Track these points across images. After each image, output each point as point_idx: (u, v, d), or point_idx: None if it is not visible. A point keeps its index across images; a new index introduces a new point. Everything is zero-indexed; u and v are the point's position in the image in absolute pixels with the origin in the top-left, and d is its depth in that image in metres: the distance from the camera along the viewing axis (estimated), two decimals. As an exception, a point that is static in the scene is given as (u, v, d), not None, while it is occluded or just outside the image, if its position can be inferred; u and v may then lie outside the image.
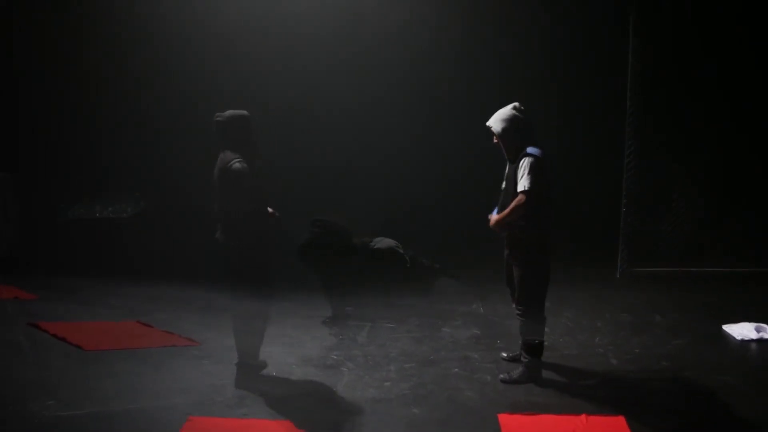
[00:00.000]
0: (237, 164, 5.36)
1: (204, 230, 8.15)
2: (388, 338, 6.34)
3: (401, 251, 6.21)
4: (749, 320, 6.75)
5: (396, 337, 6.38)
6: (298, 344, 6.27)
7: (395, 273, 6.36)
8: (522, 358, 5.60)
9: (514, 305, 5.64)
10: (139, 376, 4.81)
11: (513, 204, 5.33)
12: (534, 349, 5.54)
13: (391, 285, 7.18)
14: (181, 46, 9.08)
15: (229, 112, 5.56)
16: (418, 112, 9.29)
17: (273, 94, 8.97)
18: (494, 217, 5.47)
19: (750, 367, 6.06)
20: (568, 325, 6.78)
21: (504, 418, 4.82)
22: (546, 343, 5.71)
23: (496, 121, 5.47)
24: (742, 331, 6.59)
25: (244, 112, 5.61)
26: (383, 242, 6.31)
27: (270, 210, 5.80)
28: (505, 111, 5.47)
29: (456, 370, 5.72)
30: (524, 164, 5.31)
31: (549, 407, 5.05)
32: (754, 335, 6.52)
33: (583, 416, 4.88)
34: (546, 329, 5.75)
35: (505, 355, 5.95)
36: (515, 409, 4.99)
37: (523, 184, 5.28)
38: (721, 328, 6.73)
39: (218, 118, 5.53)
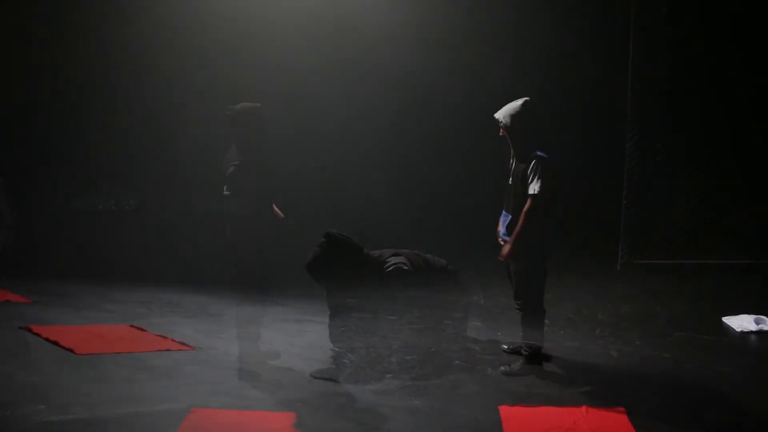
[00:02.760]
0: (232, 168, 5.31)
1: (200, 231, 8.24)
2: (390, 330, 6.35)
3: (406, 267, 5.97)
4: (749, 312, 6.77)
5: (397, 328, 6.40)
6: (299, 336, 6.30)
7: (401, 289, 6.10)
8: (523, 351, 5.63)
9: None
10: (132, 381, 4.77)
11: (523, 215, 5.34)
12: (535, 351, 5.57)
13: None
14: (180, 43, 9.09)
15: (240, 105, 5.45)
16: (415, 113, 9.30)
17: (274, 92, 8.96)
18: (506, 249, 5.45)
19: (749, 358, 6.09)
20: (568, 317, 6.80)
21: (505, 410, 4.85)
22: (545, 337, 5.73)
23: (504, 114, 5.46)
24: (741, 323, 6.62)
25: (257, 105, 5.50)
26: (391, 260, 6.06)
27: (276, 210, 5.77)
28: (515, 105, 5.47)
29: (457, 361, 5.74)
30: (533, 166, 5.32)
31: (549, 399, 5.07)
32: (753, 327, 6.54)
33: (583, 408, 4.90)
34: (546, 321, 5.78)
35: (505, 347, 5.98)
36: (516, 400, 5.02)
37: (533, 187, 5.29)
38: (721, 320, 6.75)
39: (228, 111, 5.44)
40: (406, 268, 5.89)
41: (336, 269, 5.65)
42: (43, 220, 8.98)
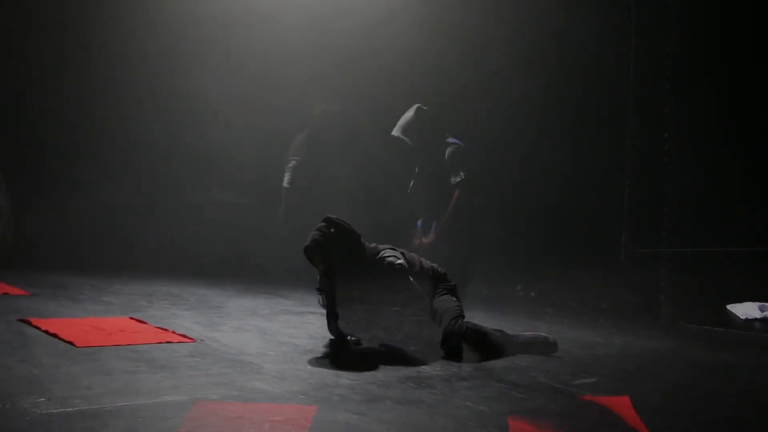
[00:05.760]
0: (293, 162, 5.50)
1: (201, 222, 8.19)
2: (393, 321, 6.32)
3: (400, 262, 5.89)
4: (753, 300, 6.75)
5: (401, 320, 6.37)
6: (301, 328, 6.28)
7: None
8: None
9: (454, 320, 5.53)
10: (133, 373, 4.74)
11: (453, 203, 5.29)
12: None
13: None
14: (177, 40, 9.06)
15: (318, 107, 5.68)
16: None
17: (274, 92, 8.91)
18: (432, 234, 5.41)
19: (753, 346, 6.06)
20: (572, 307, 6.78)
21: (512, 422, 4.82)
22: (549, 328, 5.71)
23: (402, 129, 5.44)
24: (746, 310, 6.60)
25: (328, 109, 5.68)
26: (386, 254, 5.98)
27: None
28: (408, 116, 5.46)
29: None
30: (449, 155, 5.26)
31: (553, 389, 5.05)
32: (758, 314, 6.53)
33: (587, 396, 4.88)
34: (548, 310, 5.77)
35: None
36: (519, 389, 4.99)
37: (458, 175, 5.24)
38: (725, 307, 6.73)
39: (314, 110, 5.66)
40: (399, 262, 5.78)
41: (334, 254, 5.61)
42: (42, 212, 8.96)
